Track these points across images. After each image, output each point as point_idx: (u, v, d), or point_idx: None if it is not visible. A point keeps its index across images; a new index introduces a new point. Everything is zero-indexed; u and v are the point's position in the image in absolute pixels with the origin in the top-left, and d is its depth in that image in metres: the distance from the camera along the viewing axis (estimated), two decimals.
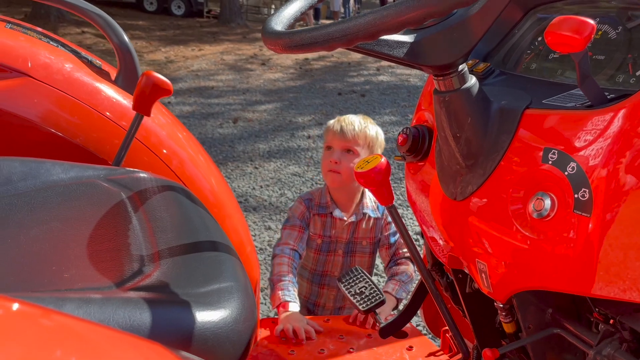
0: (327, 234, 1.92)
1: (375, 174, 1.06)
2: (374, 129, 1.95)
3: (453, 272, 1.08)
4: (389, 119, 5.84)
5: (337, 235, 1.93)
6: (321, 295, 1.99)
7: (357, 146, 1.91)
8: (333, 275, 1.96)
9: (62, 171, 1.06)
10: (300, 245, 1.88)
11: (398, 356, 1.55)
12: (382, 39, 0.81)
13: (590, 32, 0.68)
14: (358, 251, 1.95)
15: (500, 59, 1.06)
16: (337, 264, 1.96)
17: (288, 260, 1.81)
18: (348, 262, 1.95)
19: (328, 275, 1.97)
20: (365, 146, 1.92)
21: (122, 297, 0.70)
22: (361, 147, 1.91)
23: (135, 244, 0.88)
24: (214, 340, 0.70)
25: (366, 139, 1.91)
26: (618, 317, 0.81)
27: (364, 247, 1.95)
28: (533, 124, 0.83)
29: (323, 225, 1.93)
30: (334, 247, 1.94)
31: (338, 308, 2.00)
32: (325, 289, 1.98)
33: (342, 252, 1.95)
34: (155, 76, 1.29)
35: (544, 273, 0.80)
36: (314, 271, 1.97)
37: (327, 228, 1.93)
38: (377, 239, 1.96)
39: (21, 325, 0.40)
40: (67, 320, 0.44)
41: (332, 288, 1.97)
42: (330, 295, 1.98)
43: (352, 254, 1.95)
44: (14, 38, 1.47)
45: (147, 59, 9.11)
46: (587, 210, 0.73)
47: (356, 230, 1.93)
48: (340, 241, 1.94)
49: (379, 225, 1.95)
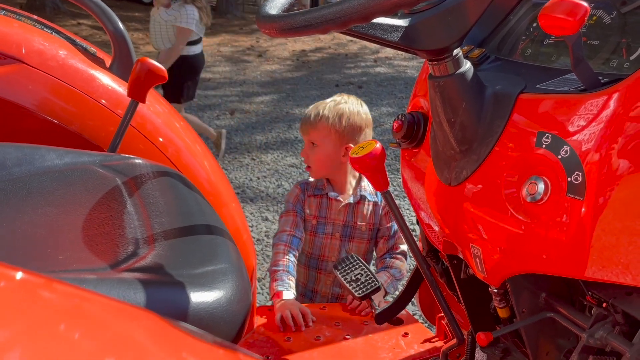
0: (322, 215, 1.91)
1: (370, 159, 1.06)
2: (339, 112, 1.85)
3: (448, 258, 1.08)
4: (386, 110, 5.84)
5: (334, 217, 1.91)
6: (318, 281, 1.98)
7: (317, 139, 1.87)
8: (330, 260, 1.94)
9: (57, 157, 1.06)
10: (297, 230, 1.87)
11: (394, 343, 1.56)
12: (377, 23, 0.81)
13: (584, 15, 0.68)
14: (357, 237, 1.93)
15: (496, 45, 1.06)
16: (334, 249, 1.94)
17: (284, 247, 1.82)
18: (345, 247, 1.93)
19: (325, 260, 1.95)
20: (328, 136, 1.85)
21: (116, 278, 0.71)
22: (323, 138, 1.86)
23: (130, 228, 0.88)
24: (209, 319, 0.71)
25: (326, 128, 1.85)
26: (611, 300, 0.81)
27: (363, 233, 1.93)
28: (527, 109, 0.83)
29: (318, 206, 1.92)
30: (331, 230, 1.92)
31: (336, 297, 1.99)
32: (322, 274, 1.96)
33: (340, 235, 1.92)
34: (150, 62, 1.29)
35: (538, 257, 0.80)
36: (311, 255, 1.96)
37: (322, 209, 1.92)
38: (375, 226, 1.94)
39: (24, 297, 0.40)
40: (69, 290, 0.44)
41: (329, 274, 1.95)
42: (327, 282, 1.96)
43: (350, 238, 1.93)
44: (8, 24, 1.46)
45: (144, 51, 9.07)
46: (580, 194, 0.74)
47: (354, 214, 1.91)
48: (337, 224, 1.92)
49: (377, 211, 1.93)
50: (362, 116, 1.89)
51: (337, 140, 1.86)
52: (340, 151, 1.87)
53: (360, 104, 1.94)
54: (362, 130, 1.89)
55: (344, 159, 1.87)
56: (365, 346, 1.55)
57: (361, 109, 1.91)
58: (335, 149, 1.87)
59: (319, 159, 1.89)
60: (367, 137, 1.91)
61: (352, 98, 1.95)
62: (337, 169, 1.90)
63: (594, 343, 0.81)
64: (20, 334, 0.36)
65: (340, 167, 1.90)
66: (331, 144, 1.86)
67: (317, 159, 1.89)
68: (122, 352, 0.40)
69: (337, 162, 1.88)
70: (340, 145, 1.86)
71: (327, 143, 1.86)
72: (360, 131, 1.89)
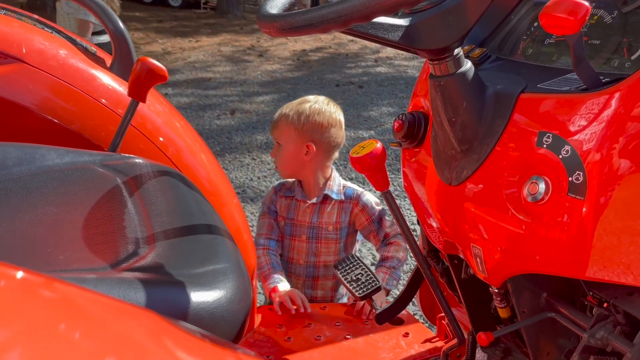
0: (289, 217, 1.91)
1: (370, 159, 1.06)
2: (299, 111, 1.84)
3: (449, 258, 1.08)
4: (387, 110, 5.84)
5: (300, 218, 1.91)
6: (290, 284, 1.96)
7: (280, 138, 1.87)
8: (299, 263, 1.93)
9: (58, 156, 1.05)
10: (272, 232, 1.89)
11: (394, 343, 1.56)
12: (377, 22, 0.81)
13: (585, 14, 0.68)
14: (323, 237, 1.91)
15: (497, 44, 1.06)
16: (302, 251, 1.93)
17: (262, 250, 1.85)
18: (313, 248, 1.92)
19: (294, 263, 1.94)
20: (289, 135, 1.85)
21: (116, 277, 0.70)
22: (285, 137, 1.86)
23: (130, 227, 0.88)
24: (209, 319, 0.71)
25: (287, 127, 1.85)
26: (612, 300, 0.81)
27: (330, 233, 1.91)
28: (528, 108, 0.83)
29: (287, 208, 1.92)
30: (297, 232, 1.91)
31: (309, 300, 1.96)
32: (292, 277, 1.95)
33: (306, 237, 1.91)
34: (151, 62, 1.28)
35: (539, 257, 0.80)
36: (281, 257, 1.95)
37: (290, 210, 1.92)
38: (343, 225, 1.92)
39: (24, 297, 0.40)
40: (70, 290, 0.44)
41: (298, 276, 1.94)
42: (298, 285, 1.94)
43: (317, 239, 1.91)
44: (8, 24, 1.46)
45: (144, 51, 9.07)
46: (581, 194, 0.74)
47: (320, 214, 1.90)
48: (303, 225, 1.91)
49: (345, 209, 1.91)
50: (326, 114, 1.86)
51: (298, 139, 1.85)
52: (302, 150, 1.85)
53: (328, 103, 1.91)
54: (325, 128, 1.86)
55: (306, 157, 1.86)
56: (365, 346, 1.55)
57: (326, 108, 1.88)
58: (297, 147, 1.86)
59: (282, 159, 1.89)
60: (334, 136, 1.88)
61: (321, 98, 1.93)
62: (301, 168, 1.89)
63: (595, 343, 0.81)
64: (20, 333, 0.36)
65: (305, 166, 1.89)
66: (292, 143, 1.85)
67: (282, 158, 1.89)
68: (123, 351, 0.40)
69: (300, 161, 1.88)
70: (301, 144, 1.85)
71: (289, 142, 1.86)
72: (322, 129, 1.85)
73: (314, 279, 1.95)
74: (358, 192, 1.92)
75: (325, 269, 1.94)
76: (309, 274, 1.94)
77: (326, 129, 1.86)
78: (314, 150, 1.85)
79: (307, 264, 1.93)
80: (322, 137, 1.86)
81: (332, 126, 1.87)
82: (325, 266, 1.93)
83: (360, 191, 1.93)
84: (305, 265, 1.93)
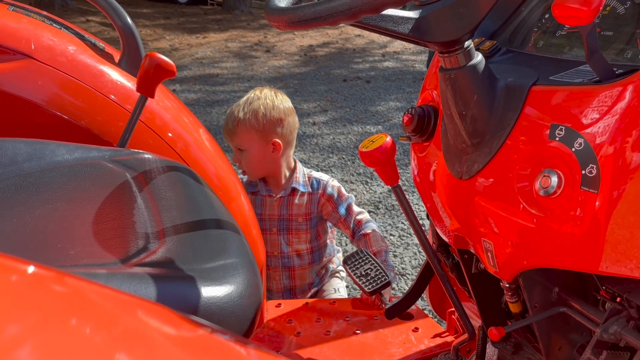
0: (257, 212, 1.91)
1: (380, 153, 1.05)
2: (254, 111, 1.81)
3: (459, 253, 1.07)
4: (395, 104, 5.81)
5: (268, 212, 1.92)
6: (268, 278, 1.98)
7: (242, 143, 1.84)
8: (273, 255, 1.95)
9: (67, 152, 1.06)
10: None
11: (404, 337, 1.55)
12: (387, 15, 0.80)
13: (599, 4, 0.67)
14: (294, 228, 1.93)
15: (507, 37, 1.05)
16: (275, 243, 1.94)
17: None
18: (285, 240, 1.94)
19: (269, 256, 1.95)
20: (251, 139, 1.83)
21: (127, 272, 0.71)
22: (247, 141, 1.83)
23: (140, 222, 0.88)
24: (220, 314, 0.70)
25: (246, 131, 1.82)
26: (625, 294, 0.80)
27: (300, 224, 1.93)
28: (540, 101, 0.82)
29: (253, 204, 1.92)
30: (267, 225, 1.93)
31: (289, 290, 1.98)
32: (270, 270, 1.97)
33: (277, 229, 1.93)
34: (159, 57, 1.28)
35: (551, 251, 0.79)
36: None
37: (257, 206, 1.93)
38: (312, 215, 1.94)
39: (35, 291, 0.40)
40: (81, 284, 0.44)
41: (275, 268, 1.96)
42: (276, 277, 1.96)
43: (288, 231, 1.93)
44: (17, 20, 1.46)
45: (152, 47, 9.09)
46: (595, 187, 0.73)
47: (288, 207, 1.91)
48: (272, 219, 1.93)
49: (314, 200, 1.92)
50: (280, 107, 1.86)
51: (261, 140, 1.84)
52: (269, 148, 1.85)
53: (275, 94, 1.90)
54: (283, 121, 1.86)
55: (274, 154, 1.86)
56: (375, 341, 1.55)
57: (276, 100, 1.87)
58: (262, 148, 1.85)
59: (250, 163, 1.88)
60: (292, 125, 1.88)
61: (266, 91, 1.91)
62: (271, 165, 1.90)
63: (608, 338, 0.80)
64: (31, 327, 0.36)
65: (274, 162, 1.89)
66: (256, 145, 1.84)
67: (249, 162, 1.88)
68: (133, 346, 0.40)
69: (269, 160, 1.88)
70: (266, 143, 1.85)
71: (253, 146, 1.84)
72: (280, 123, 1.85)
73: (290, 269, 1.97)
74: (324, 182, 1.94)
75: (300, 258, 1.96)
76: (285, 265, 1.97)
77: (285, 121, 1.86)
78: (280, 146, 1.86)
79: (282, 254, 1.96)
80: (283, 130, 1.86)
81: (288, 115, 1.88)
82: (298, 255, 1.96)
83: (326, 180, 1.95)
84: (280, 257, 1.96)
